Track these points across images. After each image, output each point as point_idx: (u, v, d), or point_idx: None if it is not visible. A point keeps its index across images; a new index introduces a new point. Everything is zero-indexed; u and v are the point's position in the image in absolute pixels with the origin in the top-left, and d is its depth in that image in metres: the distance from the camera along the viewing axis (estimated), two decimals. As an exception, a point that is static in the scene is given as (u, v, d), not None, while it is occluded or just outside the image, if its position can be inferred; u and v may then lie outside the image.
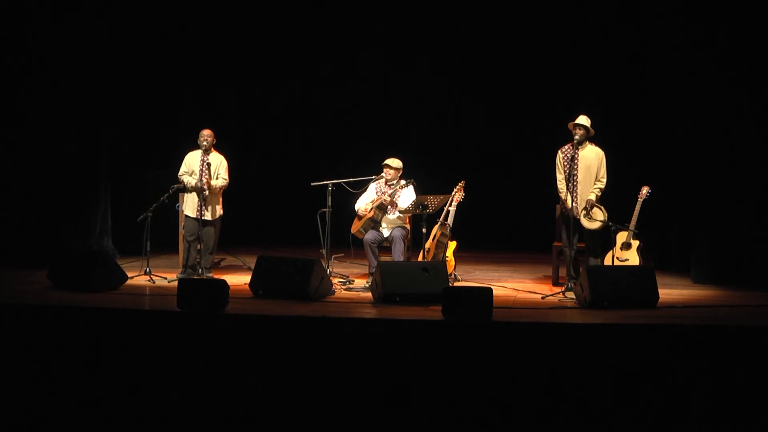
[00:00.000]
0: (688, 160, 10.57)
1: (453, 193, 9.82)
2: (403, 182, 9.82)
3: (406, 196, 9.79)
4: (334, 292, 9.21)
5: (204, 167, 9.79)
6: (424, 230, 9.53)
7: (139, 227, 9.81)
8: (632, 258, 9.54)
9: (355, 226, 9.88)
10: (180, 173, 9.93)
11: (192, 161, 9.92)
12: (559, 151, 9.37)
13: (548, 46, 12.68)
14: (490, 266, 11.51)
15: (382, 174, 9.93)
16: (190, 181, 9.86)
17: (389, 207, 9.77)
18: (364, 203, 9.93)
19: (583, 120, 9.30)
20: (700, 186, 10.21)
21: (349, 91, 13.46)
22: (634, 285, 8.51)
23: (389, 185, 9.84)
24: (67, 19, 10.76)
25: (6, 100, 10.71)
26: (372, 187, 9.97)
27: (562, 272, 9.80)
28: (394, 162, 9.85)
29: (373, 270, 9.45)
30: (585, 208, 9.14)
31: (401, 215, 9.81)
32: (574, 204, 9.16)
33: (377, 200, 9.81)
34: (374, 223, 9.80)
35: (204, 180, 9.75)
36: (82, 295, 8.66)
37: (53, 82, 10.72)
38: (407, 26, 13.02)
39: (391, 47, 13.14)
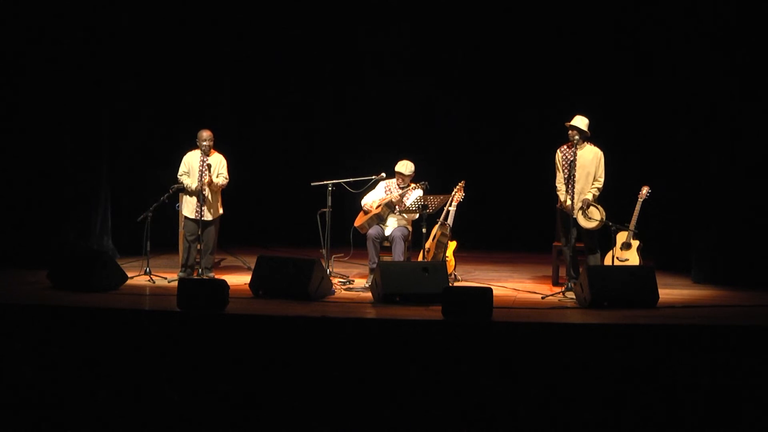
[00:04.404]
0: (688, 160, 10.57)
1: (453, 193, 9.82)
2: (414, 185, 9.79)
3: (414, 198, 9.75)
4: (334, 292, 9.21)
5: (204, 168, 9.78)
6: (424, 230, 9.53)
7: (139, 227, 9.81)
8: (632, 258, 9.54)
9: (360, 221, 9.86)
10: (179, 173, 9.92)
11: (191, 161, 9.90)
12: (558, 151, 9.37)
13: (548, 46, 12.69)
14: (490, 266, 11.51)
15: (383, 174, 9.92)
16: (189, 184, 9.83)
17: (397, 206, 9.75)
18: (371, 199, 9.91)
19: (578, 122, 9.28)
20: (700, 186, 10.21)
21: (349, 91, 13.47)
22: (634, 285, 8.51)
23: (400, 187, 9.82)
24: (68, 18, 10.75)
25: (6, 100, 10.71)
26: (381, 186, 9.94)
27: (562, 272, 9.80)
28: (407, 169, 9.80)
29: (373, 265, 9.46)
30: (581, 208, 9.14)
31: (405, 215, 9.80)
32: (572, 203, 9.16)
33: (386, 198, 9.79)
34: (379, 220, 9.78)
35: (204, 181, 9.74)
36: (82, 295, 8.66)
37: (53, 82, 10.72)
38: (407, 26, 13.03)
39: (391, 47, 13.14)
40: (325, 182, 9.94)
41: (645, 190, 9.71)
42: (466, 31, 12.97)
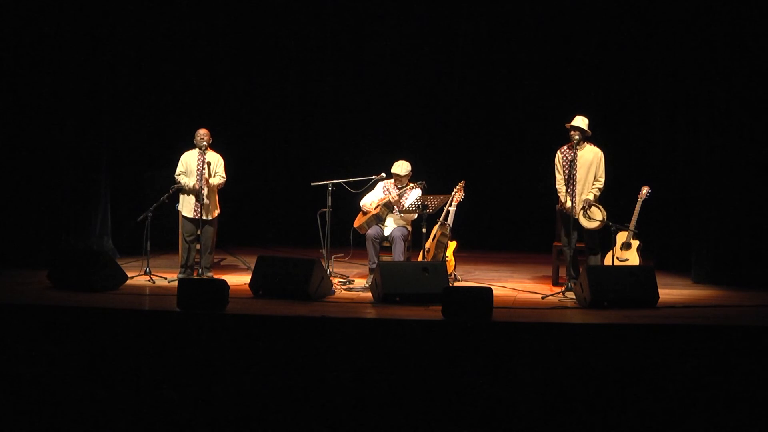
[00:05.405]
0: (688, 160, 10.57)
1: (453, 193, 9.81)
2: (412, 184, 9.79)
3: (413, 198, 9.75)
4: (334, 292, 9.21)
5: (203, 167, 9.78)
6: (424, 230, 9.53)
7: (139, 227, 9.82)
8: (632, 258, 9.54)
9: (359, 221, 9.86)
10: (176, 173, 9.91)
11: (188, 161, 9.90)
12: (558, 152, 9.38)
13: (548, 46, 12.69)
14: (490, 266, 11.51)
15: (382, 174, 9.93)
16: (187, 182, 9.83)
17: (395, 206, 9.74)
18: (369, 200, 9.91)
19: (579, 122, 9.29)
20: (700, 186, 10.21)
21: (349, 90, 13.47)
22: (634, 285, 8.51)
23: (398, 188, 9.81)
24: (68, 16, 10.76)
25: (6, 100, 10.71)
26: (380, 186, 9.94)
27: (562, 272, 9.81)
28: (402, 169, 9.78)
29: (373, 265, 9.46)
30: (583, 208, 9.14)
31: (403, 215, 9.80)
32: (572, 204, 9.16)
33: (384, 199, 9.79)
34: (378, 220, 9.78)
35: (204, 179, 9.74)
36: (82, 295, 8.67)
37: (53, 82, 10.72)
38: (407, 25, 13.03)
39: (391, 46, 13.14)
40: (325, 182, 9.94)
41: (645, 190, 9.72)
42: (466, 32, 12.97)
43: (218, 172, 9.91)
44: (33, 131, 10.75)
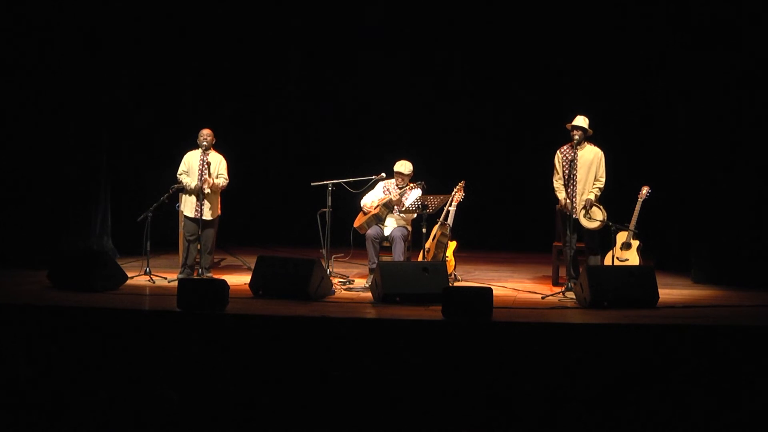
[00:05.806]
0: (688, 160, 10.57)
1: (453, 193, 9.81)
2: (412, 184, 9.79)
3: (413, 198, 9.75)
4: (334, 292, 9.21)
5: (204, 167, 9.78)
6: (424, 230, 9.53)
7: (139, 227, 9.81)
8: (632, 258, 9.54)
9: (359, 221, 9.86)
10: (179, 172, 9.91)
11: (191, 160, 9.90)
12: (558, 152, 9.37)
13: (548, 46, 12.68)
14: (490, 266, 11.51)
15: (383, 174, 9.92)
16: (189, 182, 9.83)
17: (395, 206, 9.74)
18: (370, 200, 9.90)
19: (580, 121, 9.29)
20: (700, 186, 10.21)
21: (349, 90, 13.46)
22: (634, 285, 8.50)
23: (399, 187, 9.81)
24: (69, 17, 10.76)
25: (6, 100, 10.71)
26: (380, 186, 9.94)
27: (562, 272, 9.80)
28: (405, 168, 9.79)
29: (373, 265, 9.46)
30: (584, 207, 9.14)
31: (403, 215, 9.80)
32: (572, 204, 9.16)
33: (384, 199, 9.79)
34: (378, 220, 9.78)
35: (204, 179, 9.74)
36: (82, 295, 8.66)
37: (54, 83, 10.72)
38: (407, 26, 13.03)
39: (391, 47, 13.14)
40: (325, 182, 9.94)
41: (645, 190, 9.71)
42: (465, 32, 12.96)
43: (221, 174, 9.91)
44: (33, 131, 10.74)
